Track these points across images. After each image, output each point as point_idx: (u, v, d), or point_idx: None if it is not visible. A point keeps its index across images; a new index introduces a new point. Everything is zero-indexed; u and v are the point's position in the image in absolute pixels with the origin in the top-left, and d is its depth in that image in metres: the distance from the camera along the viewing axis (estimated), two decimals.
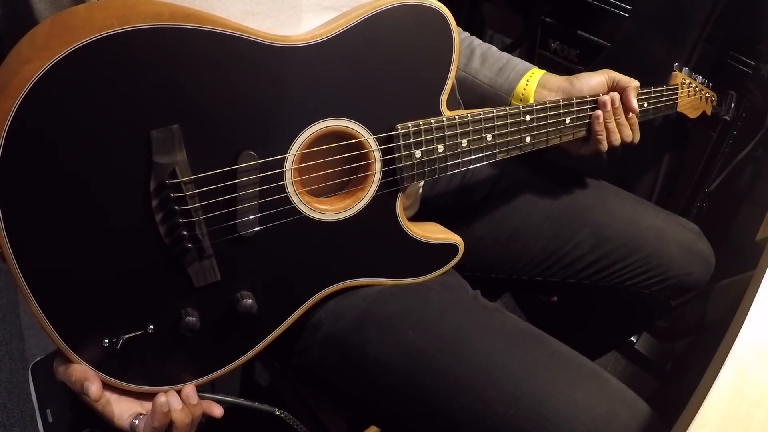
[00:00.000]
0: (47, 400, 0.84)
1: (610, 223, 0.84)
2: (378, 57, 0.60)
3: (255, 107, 0.56)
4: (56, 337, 0.53)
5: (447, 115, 0.65)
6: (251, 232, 0.59)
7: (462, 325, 0.67)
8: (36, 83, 0.47)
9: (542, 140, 0.74)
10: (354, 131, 0.61)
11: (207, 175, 0.55)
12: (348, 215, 0.64)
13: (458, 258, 0.73)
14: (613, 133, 0.79)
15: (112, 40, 0.48)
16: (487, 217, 0.88)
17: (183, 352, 0.59)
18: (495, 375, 0.63)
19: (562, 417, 0.60)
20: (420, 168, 0.66)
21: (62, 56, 0.47)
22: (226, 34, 0.52)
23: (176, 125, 0.52)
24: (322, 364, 0.71)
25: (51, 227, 0.51)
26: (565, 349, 0.67)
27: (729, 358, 0.48)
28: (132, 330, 0.56)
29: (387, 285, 0.70)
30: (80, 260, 0.53)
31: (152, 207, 0.54)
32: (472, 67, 0.83)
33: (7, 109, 0.46)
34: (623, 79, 0.79)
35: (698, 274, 0.84)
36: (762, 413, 0.46)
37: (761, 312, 0.52)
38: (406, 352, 0.65)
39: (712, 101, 1.01)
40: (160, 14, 0.49)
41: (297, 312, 0.65)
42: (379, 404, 0.69)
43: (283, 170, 0.59)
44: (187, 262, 0.56)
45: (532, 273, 0.87)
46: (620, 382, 0.65)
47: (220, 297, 0.59)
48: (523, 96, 0.80)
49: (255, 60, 0.55)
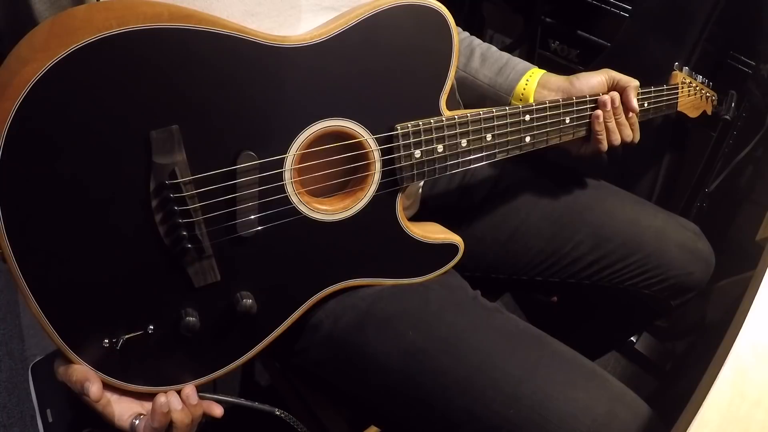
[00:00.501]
0: (47, 400, 0.84)
1: (610, 223, 0.84)
2: (377, 57, 0.60)
3: (254, 107, 0.56)
4: (56, 338, 0.53)
5: (446, 115, 0.65)
6: (251, 232, 0.59)
7: (462, 326, 0.67)
8: (35, 84, 0.47)
9: (542, 140, 0.74)
10: (353, 131, 0.61)
11: (206, 175, 0.55)
12: (347, 215, 0.64)
13: (458, 258, 0.73)
14: (613, 133, 0.79)
15: (112, 40, 0.48)
16: (487, 217, 0.88)
17: (183, 353, 0.59)
18: (495, 375, 0.63)
19: (562, 417, 0.60)
20: (420, 168, 0.66)
21: (61, 57, 0.47)
22: (225, 35, 0.52)
23: (175, 126, 0.52)
24: (321, 364, 0.71)
25: (51, 228, 0.51)
26: (565, 349, 0.67)
27: (729, 358, 0.48)
28: (132, 330, 0.56)
29: (387, 285, 0.70)
30: (80, 261, 0.53)
31: (152, 207, 0.54)
32: (472, 67, 0.83)
33: (7, 110, 0.47)
34: (623, 79, 0.79)
35: (698, 274, 0.84)
36: (762, 413, 0.46)
37: (761, 312, 0.52)
38: (405, 352, 0.65)
39: (712, 101, 1.01)
40: (159, 15, 0.49)
41: (297, 312, 0.65)
42: (379, 404, 0.69)
43: (283, 170, 0.59)
44: (187, 262, 0.56)
45: (532, 273, 0.87)
46: (620, 383, 0.65)
47: (219, 297, 0.60)
48: (522, 96, 0.80)
49: (254, 60, 0.55)
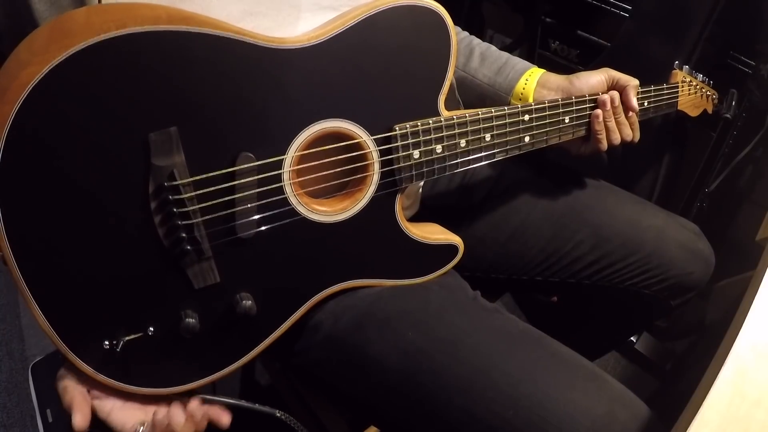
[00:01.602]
0: (47, 400, 0.84)
1: (610, 223, 0.84)
2: (375, 58, 0.60)
3: (253, 109, 0.56)
4: (57, 340, 0.53)
5: (445, 115, 0.65)
6: (250, 233, 0.59)
7: (461, 327, 0.67)
8: (34, 88, 0.47)
9: (541, 140, 0.74)
10: (352, 132, 0.61)
11: (205, 177, 0.55)
12: (347, 216, 0.64)
13: (458, 259, 0.73)
14: (613, 132, 0.78)
15: (110, 43, 0.48)
16: (487, 217, 0.88)
17: (183, 354, 0.60)
18: (494, 376, 0.63)
19: (562, 418, 0.60)
20: (419, 169, 0.66)
21: (60, 60, 0.47)
22: (223, 37, 0.52)
23: (174, 128, 0.52)
24: (321, 365, 0.71)
25: (51, 230, 0.51)
26: (565, 350, 0.67)
27: (729, 358, 0.48)
28: (132, 332, 0.56)
29: (387, 286, 0.70)
30: (80, 263, 0.53)
31: (151, 209, 0.54)
32: (472, 67, 0.82)
33: (7, 113, 0.47)
34: (623, 78, 0.79)
35: (698, 274, 0.84)
36: (762, 413, 0.46)
37: (761, 312, 0.52)
38: (405, 353, 0.65)
39: (713, 99, 1.01)
40: (157, 17, 0.49)
41: (296, 313, 0.65)
42: (378, 405, 0.69)
43: (282, 172, 0.59)
44: (187, 264, 0.56)
45: (532, 273, 0.87)
46: (620, 384, 0.65)
47: (219, 299, 0.60)
48: (522, 95, 0.80)
49: (252, 62, 0.55)
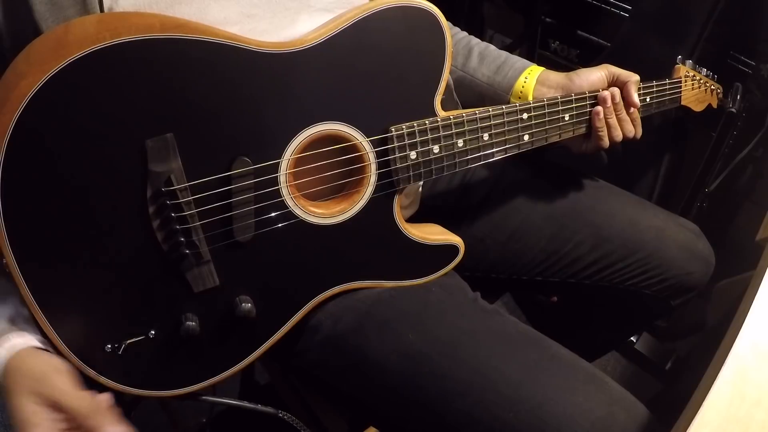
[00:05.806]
0: None
1: (610, 223, 0.84)
2: (370, 59, 0.60)
3: (248, 113, 0.56)
4: (59, 343, 0.54)
5: (442, 115, 0.65)
6: (248, 236, 0.59)
7: (461, 328, 0.67)
8: (33, 98, 0.48)
9: (541, 138, 0.73)
10: (348, 134, 0.61)
11: (202, 181, 0.55)
12: (344, 218, 0.64)
13: (458, 259, 0.73)
14: (614, 129, 0.78)
15: (105, 52, 0.49)
16: (487, 217, 0.88)
17: (184, 357, 0.60)
18: (494, 378, 0.62)
19: (561, 420, 0.59)
20: (416, 169, 0.65)
21: (57, 70, 0.48)
22: (216, 43, 0.53)
23: (170, 134, 0.53)
24: (321, 366, 0.71)
25: (52, 236, 0.52)
26: (565, 352, 0.67)
27: (729, 358, 0.48)
28: (133, 335, 0.57)
29: (386, 287, 0.70)
30: (81, 268, 0.53)
31: (149, 214, 0.54)
32: (470, 66, 0.82)
33: (6, 123, 0.48)
34: (623, 74, 0.78)
35: (698, 274, 0.84)
36: (762, 413, 0.45)
37: (761, 312, 0.52)
38: (405, 355, 0.65)
39: (717, 93, 0.99)
40: (151, 26, 0.50)
41: (296, 316, 0.65)
42: (378, 406, 0.68)
43: (278, 175, 0.59)
44: (186, 267, 0.57)
45: (532, 273, 0.87)
46: (619, 385, 0.65)
47: (219, 302, 0.60)
48: (521, 93, 0.79)
49: (246, 67, 0.55)
